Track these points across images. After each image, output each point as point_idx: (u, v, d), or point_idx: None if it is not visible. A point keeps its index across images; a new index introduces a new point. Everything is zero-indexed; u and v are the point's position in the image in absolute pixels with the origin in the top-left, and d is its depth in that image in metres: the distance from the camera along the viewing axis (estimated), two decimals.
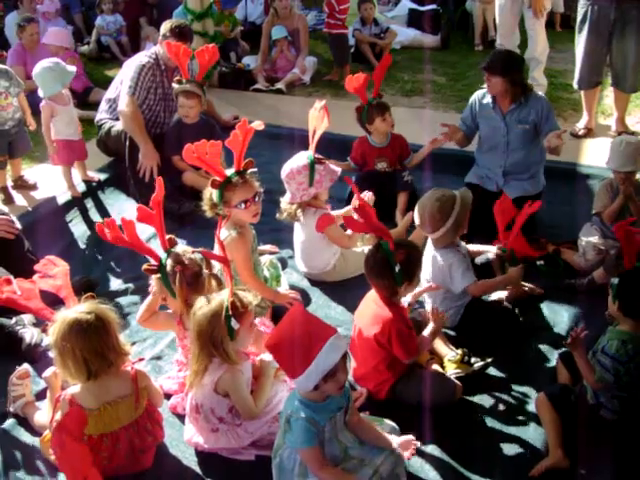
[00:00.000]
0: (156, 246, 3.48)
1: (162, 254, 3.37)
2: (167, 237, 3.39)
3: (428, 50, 9.52)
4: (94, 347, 2.87)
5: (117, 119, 5.76)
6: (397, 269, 3.27)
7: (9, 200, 5.53)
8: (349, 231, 4.40)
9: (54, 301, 3.19)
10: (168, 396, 3.49)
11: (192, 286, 3.31)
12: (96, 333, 2.87)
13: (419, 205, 3.92)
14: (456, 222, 3.80)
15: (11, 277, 3.40)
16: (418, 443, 3.04)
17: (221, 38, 8.61)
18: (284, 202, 4.40)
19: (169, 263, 3.32)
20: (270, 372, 3.27)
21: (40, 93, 5.36)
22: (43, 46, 7.60)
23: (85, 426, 2.86)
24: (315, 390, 2.67)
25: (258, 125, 4.03)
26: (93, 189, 5.75)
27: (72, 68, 5.46)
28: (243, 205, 3.87)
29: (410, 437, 3.04)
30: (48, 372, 3.22)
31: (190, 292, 3.30)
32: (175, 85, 5.38)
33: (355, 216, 3.43)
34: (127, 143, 5.54)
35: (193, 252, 3.40)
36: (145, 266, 3.37)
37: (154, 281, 3.41)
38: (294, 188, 4.32)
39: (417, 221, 3.93)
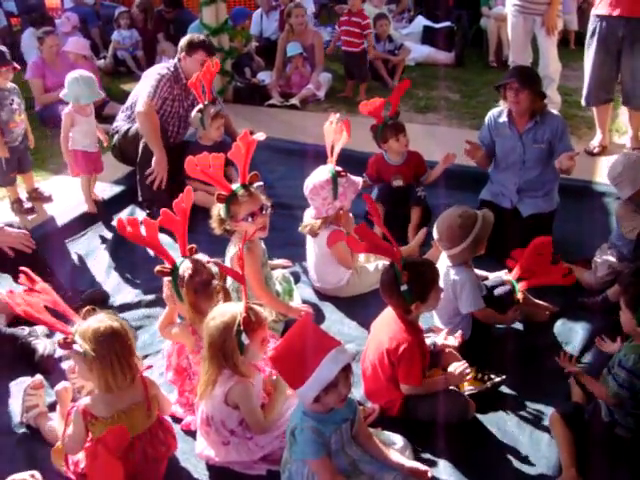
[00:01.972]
0: None
1: (179, 259, 3.42)
2: (189, 246, 3.46)
3: (442, 67, 9.56)
4: (130, 350, 2.94)
5: (134, 120, 5.74)
6: (403, 289, 3.26)
7: (26, 211, 5.56)
8: None
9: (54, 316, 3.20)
10: (178, 420, 3.47)
11: (199, 293, 3.35)
12: (128, 337, 2.94)
13: (439, 220, 3.90)
14: (475, 240, 3.77)
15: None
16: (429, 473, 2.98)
17: (236, 53, 8.66)
18: (308, 216, 4.42)
19: (182, 267, 3.36)
20: (283, 387, 3.26)
21: (67, 97, 5.31)
22: (63, 59, 7.72)
23: (125, 447, 2.86)
24: (317, 402, 2.68)
25: (260, 136, 4.01)
26: (108, 202, 5.77)
27: (101, 94, 5.57)
28: (250, 218, 3.88)
29: (420, 467, 2.97)
30: (60, 386, 3.23)
31: (197, 299, 3.35)
32: (199, 113, 5.40)
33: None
34: (142, 144, 5.50)
35: (209, 262, 3.44)
36: (158, 267, 3.42)
37: (165, 285, 3.44)
38: (319, 203, 4.32)
39: (435, 235, 3.90)
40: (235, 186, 3.88)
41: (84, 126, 5.39)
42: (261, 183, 4.03)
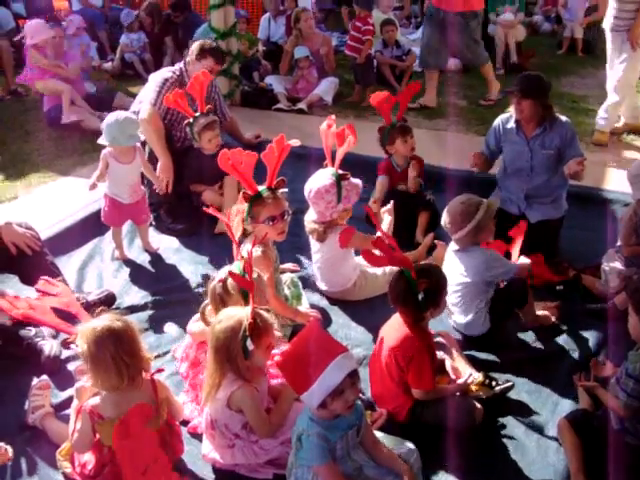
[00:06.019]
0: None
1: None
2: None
3: (449, 73, 9.54)
4: (131, 351, 2.90)
5: None
6: (420, 297, 3.26)
7: None
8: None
9: (63, 318, 3.19)
10: (185, 422, 3.45)
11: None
12: (129, 338, 2.91)
13: (447, 207, 4.07)
14: (477, 226, 3.93)
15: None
16: None
17: (243, 57, 8.66)
18: (310, 221, 4.38)
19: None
20: (290, 392, 3.23)
21: (101, 140, 4.71)
22: (68, 50, 8.14)
23: (148, 421, 2.89)
24: (323, 408, 2.67)
25: (295, 142, 3.98)
26: None
27: (139, 137, 4.77)
28: (270, 222, 3.86)
29: None
30: (80, 383, 3.22)
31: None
32: (190, 128, 5.29)
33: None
34: (148, 149, 5.44)
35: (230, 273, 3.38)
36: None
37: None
38: (322, 207, 4.28)
39: (444, 221, 4.05)
40: (261, 188, 3.87)
41: (117, 174, 4.74)
42: (286, 190, 4.00)
